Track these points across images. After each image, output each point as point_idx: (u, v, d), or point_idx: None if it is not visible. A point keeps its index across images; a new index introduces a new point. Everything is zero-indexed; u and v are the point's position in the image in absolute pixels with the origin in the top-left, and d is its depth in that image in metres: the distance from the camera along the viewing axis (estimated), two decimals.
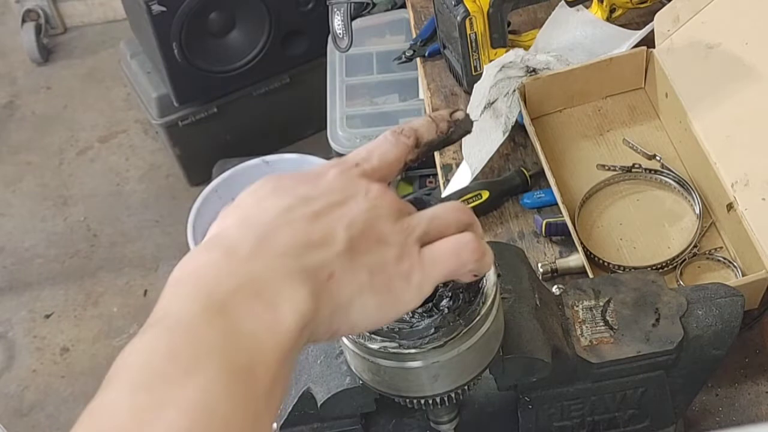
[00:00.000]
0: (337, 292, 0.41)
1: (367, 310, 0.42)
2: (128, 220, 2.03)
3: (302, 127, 2.01)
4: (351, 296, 0.41)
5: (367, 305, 0.41)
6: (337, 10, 1.25)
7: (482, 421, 0.60)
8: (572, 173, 0.90)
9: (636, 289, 0.60)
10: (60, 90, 2.33)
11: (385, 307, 0.42)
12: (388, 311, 0.42)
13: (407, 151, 0.46)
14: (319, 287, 0.40)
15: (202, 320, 0.37)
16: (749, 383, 0.75)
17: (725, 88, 0.84)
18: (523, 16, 1.07)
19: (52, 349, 1.83)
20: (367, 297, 0.41)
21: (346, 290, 0.41)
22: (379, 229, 0.43)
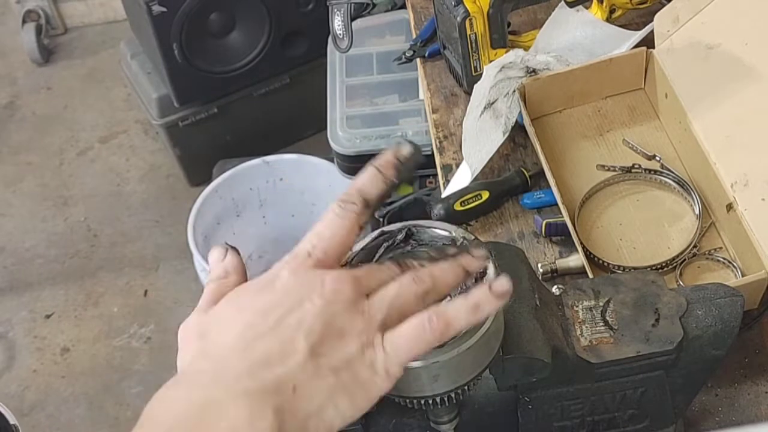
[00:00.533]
0: (306, 402, 0.42)
1: (340, 409, 0.43)
2: (128, 221, 2.03)
3: (302, 127, 2.01)
4: (321, 402, 0.42)
5: (340, 404, 0.43)
6: (337, 11, 1.25)
7: (482, 421, 0.60)
8: (572, 173, 0.90)
9: (636, 289, 0.60)
10: (60, 90, 2.33)
11: (357, 400, 0.43)
12: (361, 403, 0.44)
13: (357, 218, 0.47)
14: (283, 402, 0.42)
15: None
16: (749, 383, 0.75)
17: (725, 89, 0.84)
18: (523, 16, 1.08)
19: (53, 349, 1.83)
20: (338, 397, 0.43)
21: (314, 398, 0.42)
22: (338, 326, 0.44)
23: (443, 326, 0.44)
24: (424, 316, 0.44)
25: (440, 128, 1.00)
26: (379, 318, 0.44)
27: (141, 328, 1.84)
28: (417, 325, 0.44)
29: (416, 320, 0.44)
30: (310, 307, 0.44)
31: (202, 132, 1.92)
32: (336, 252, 0.46)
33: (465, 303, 0.45)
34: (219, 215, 1.70)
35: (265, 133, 1.97)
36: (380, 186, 0.47)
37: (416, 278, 0.45)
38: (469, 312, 0.45)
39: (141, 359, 1.79)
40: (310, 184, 1.73)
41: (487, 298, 0.45)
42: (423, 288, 0.45)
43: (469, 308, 0.45)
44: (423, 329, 0.44)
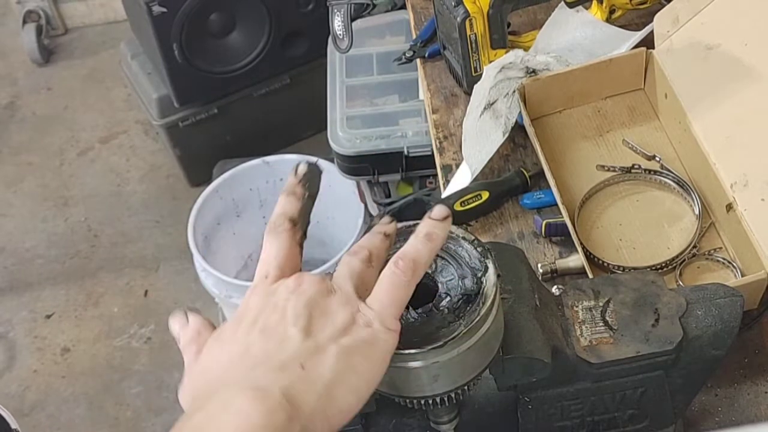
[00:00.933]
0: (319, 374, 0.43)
1: (358, 370, 0.44)
2: (129, 221, 2.03)
3: (302, 127, 2.01)
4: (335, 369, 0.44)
5: (356, 366, 0.44)
6: (338, 11, 1.26)
7: (482, 421, 0.60)
8: (572, 174, 0.90)
9: (635, 289, 0.60)
10: (61, 91, 2.34)
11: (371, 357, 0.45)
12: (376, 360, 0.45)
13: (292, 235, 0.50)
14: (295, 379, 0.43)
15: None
16: (749, 383, 0.75)
17: (725, 89, 0.84)
18: (522, 17, 1.08)
19: (53, 350, 1.83)
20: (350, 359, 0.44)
21: (326, 368, 0.44)
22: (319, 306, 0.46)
23: (411, 264, 0.47)
24: (390, 264, 0.47)
25: (440, 128, 1.00)
26: (349, 289, 0.47)
27: (141, 328, 1.84)
28: (388, 275, 0.47)
29: (385, 272, 0.47)
30: (286, 303, 0.46)
31: (202, 132, 1.93)
32: (288, 266, 0.49)
33: (416, 238, 0.48)
34: (219, 215, 1.71)
35: (265, 134, 1.97)
36: (296, 204, 0.51)
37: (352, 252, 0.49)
38: (424, 243, 0.48)
39: (141, 359, 1.79)
40: None
41: (433, 224, 0.48)
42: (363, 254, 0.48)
43: (422, 239, 0.48)
44: (394, 275, 0.46)
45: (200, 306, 1.84)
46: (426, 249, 0.47)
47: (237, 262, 1.76)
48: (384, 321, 0.45)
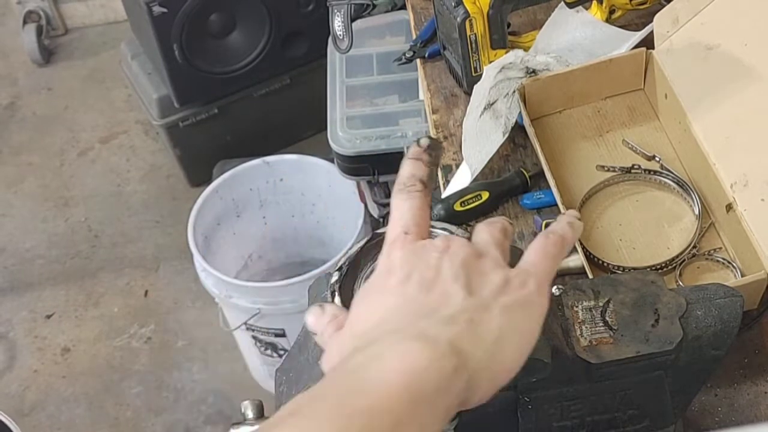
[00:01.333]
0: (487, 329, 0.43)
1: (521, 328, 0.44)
2: (129, 221, 2.03)
3: (302, 127, 2.01)
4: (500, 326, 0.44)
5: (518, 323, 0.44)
6: (338, 12, 1.26)
7: (482, 421, 0.60)
8: (572, 174, 0.90)
9: (635, 289, 0.60)
10: (61, 91, 2.34)
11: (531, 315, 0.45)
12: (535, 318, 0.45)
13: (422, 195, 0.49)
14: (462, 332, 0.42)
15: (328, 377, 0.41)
16: (748, 383, 0.75)
17: (725, 89, 0.84)
18: (522, 17, 1.08)
19: (53, 350, 1.83)
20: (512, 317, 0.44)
21: (492, 324, 0.43)
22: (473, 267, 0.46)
23: (560, 239, 0.49)
24: (540, 236, 0.49)
25: (440, 129, 1.00)
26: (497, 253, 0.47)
27: (141, 328, 1.84)
28: (541, 243, 0.48)
29: (537, 240, 0.48)
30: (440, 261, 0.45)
31: (202, 132, 1.93)
32: (424, 224, 0.48)
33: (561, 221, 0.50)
34: (219, 216, 1.71)
35: (265, 134, 1.97)
36: (423, 168, 0.50)
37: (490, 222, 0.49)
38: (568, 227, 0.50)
39: (141, 359, 1.79)
40: (311, 184, 1.73)
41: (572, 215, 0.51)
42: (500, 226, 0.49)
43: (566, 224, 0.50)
44: (546, 245, 0.48)
45: (200, 306, 1.84)
46: (570, 233, 0.49)
47: (237, 262, 1.77)
48: (540, 282, 0.46)
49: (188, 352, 1.78)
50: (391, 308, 0.44)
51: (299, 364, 0.56)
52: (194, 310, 1.85)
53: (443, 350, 0.41)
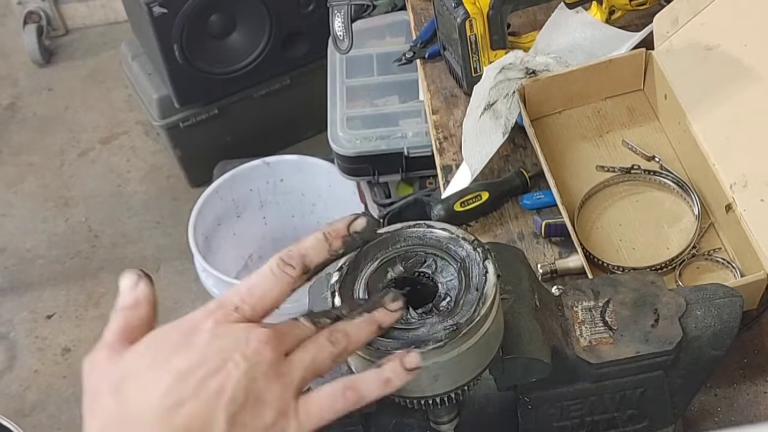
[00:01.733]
0: None
1: None
2: (129, 221, 2.03)
3: (303, 128, 2.01)
4: None
5: None
6: (338, 12, 1.26)
7: (482, 421, 0.60)
8: (572, 174, 0.90)
9: (635, 289, 0.60)
10: (61, 91, 2.34)
11: None
12: None
13: (292, 282, 0.47)
14: None
15: None
16: (748, 383, 0.75)
17: (724, 90, 0.84)
18: (522, 17, 1.08)
19: (54, 350, 1.83)
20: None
21: None
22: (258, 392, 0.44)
23: (356, 397, 0.46)
24: (338, 387, 0.46)
25: (440, 129, 1.00)
26: (296, 382, 0.45)
27: None
28: (331, 394, 0.46)
29: (330, 389, 0.46)
30: (233, 370, 0.44)
31: (202, 133, 1.93)
32: (264, 310, 0.47)
33: (377, 377, 0.46)
34: (219, 216, 1.71)
35: (265, 134, 1.97)
36: (324, 255, 0.47)
37: (331, 339, 0.47)
38: (381, 385, 0.46)
39: None
40: (311, 184, 1.73)
41: (399, 372, 0.46)
42: (338, 349, 0.46)
43: (381, 382, 0.46)
44: (336, 399, 0.46)
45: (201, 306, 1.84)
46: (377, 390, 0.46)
47: (237, 262, 1.77)
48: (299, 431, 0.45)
49: None
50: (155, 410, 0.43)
51: None
52: (194, 310, 1.85)
53: None
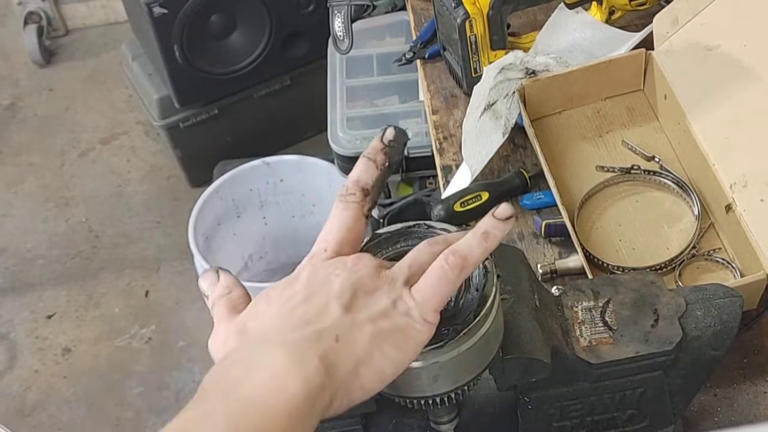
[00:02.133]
0: (351, 349, 0.44)
1: (388, 354, 0.45)
2: (129, 221, 2.03)
3: (303, 128, 2.01)
4: (366, 348, 0.45)
5: (386, 350, 0.45)
6: (338, 12, 1.26)
7: (482, 421, 0.60)
8: (571, 174, 0.90)
9: (635, 289, 0.60)
10: (62, 92, 2.34)
11: (402, 345, 0.46)
12: (406, 349, 0.46)
13: (360, 207, 0.50)
14: (327, 349, 0.44)
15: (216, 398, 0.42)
16: (748, 383, 0.75)
17: (724, 90, 0.84)
18: (522, 18, 1.08)
19: (54, 350, 1.83)
20: (382, 343, 0.45)
21: (358, 345, 0.45)
22: (366, 286, 0.47)
23: (460, 260, 0.46)
24: (440, 258, 0.47)
25: (440, 129, 1.00)
26: (401, 278, 0.47)
27: (142, 328, 1.84)
28: (437, 267, 0.47)
29: (435, 264, 0.47)
30: (336, 279, 0.47)
31: (202, 133, 1.93)
32: (349, 242, 0.49)
33: (474, 234, 0.47)
34: (219, 216, 1.71)
35: (265, 134, 1.97)
36: (374, 173, 0.50)
37: (431, 242, 0.49)
38: (480, 240, 0.47)
39: (142, 360, 1.79)
40: (311, 185, 1.73)
41: (494, 223, 0.47)
42: (438, 248, 0.48)
43: (479, 237, 0.47)
44: (443, 269, 0.46)
45: (201, 306, 1.84)
46: (480, 248, 0.47)
47: (237, 262, 1.77)
48: (423, 312, 0.46)
49: (189, 353, 1.78)
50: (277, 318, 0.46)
51: None
52: (195, 310, 1.85)
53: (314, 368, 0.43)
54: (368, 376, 0.45)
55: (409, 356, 0.46)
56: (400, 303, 0.46)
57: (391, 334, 0.45)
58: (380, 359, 0.45)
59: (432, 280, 0.47)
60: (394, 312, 0.46)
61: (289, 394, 0.42)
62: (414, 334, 0.46)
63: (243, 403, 0.41)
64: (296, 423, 0.41)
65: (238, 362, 0.44)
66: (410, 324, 0.46)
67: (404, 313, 0.46)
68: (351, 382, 0.44)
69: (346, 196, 0.50)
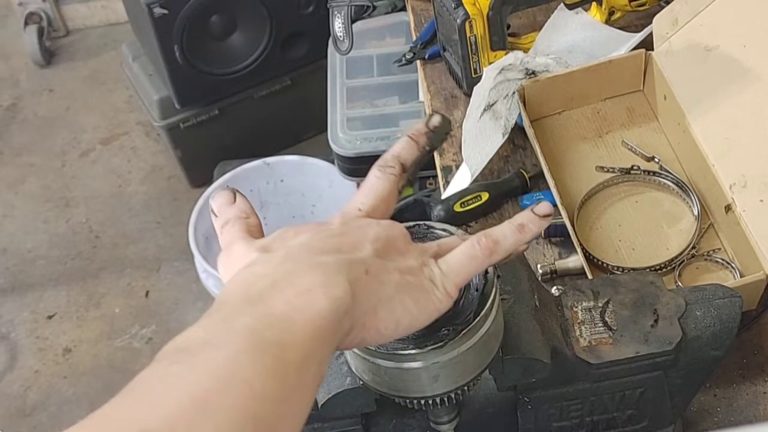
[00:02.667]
0: (377, 287, 0.44)
1: (407, 307, 0.45)
2: (130, 222, 2.04)
3: (303, 129, 2.01)
4: (390, 292, 0.44)
5: (406, 302, 0.45)
6: (338, 13, 1.26)
7: (482, 421, 0.60)
8: (571, 175, 0.90)
9: (635, 290, 0.60)
10: (62, 92, 2.34)
11: (422, 303, 0.45)
12: (425, 308, 0.46)
13: (397, 180, 0.50)
14: (357, 277, 0.43)
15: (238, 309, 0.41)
16: (747, 384, 0.75)
17: (724, 91, 0.84)
18: (522, 18, 1.08)
19: (55, 350, 1.83)
20: (405, 294, 0.45)
21: (384, 286, 0.44)
22: (398, 245, 0.47)
23: (492, 244, 0.47)
24: (473, 238, 0.47)
25: None
26: (430, 251, 0.48)
27: (142, 328, 1.84)
28: (467, 245, 0.47)
29: (466, 243, 0.47)
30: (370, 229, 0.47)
31: (203, 133, 1.93)
32: (381, 209, 0.50)
33: (510, 224, 0.48)
34: None
35: (265, 135, 1.97)
36: (414, 152, 0.51)
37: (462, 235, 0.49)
38: (514, 231, 0.48)
39: (142, 360, 1.79)
40: (311, 185, 1.73)
41: (532, 218, 0.48)
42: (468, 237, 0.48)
43: (514, 228, 0.48)
44: (473, 248, 0.47)
45: (201, 307, 1.85)
46: (513, 237, 0.47)
47: None
48: (445, 283, 0.46)
49: None
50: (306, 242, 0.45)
51: None
52: (195, 310, 1.85)
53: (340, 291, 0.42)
54: (385, 320, 0.44)
55: (425, 317, 0.46)
56: (426, 269, 0.46)
57: (415, 289, 0.45)
58: (400, 308, 0.45)
59: (460, 256, 0.47)
60: (420, 273, 0.46)
61: (316, 311, 0.40)
62: (434, 299, 0.46)
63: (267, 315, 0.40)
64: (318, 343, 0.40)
65: (263, 277, 0.42)
66: (432, 291, 0.46)
67: (429, 278, 0.46)
68: (369, 320, 0.44)
69: (385, 168, 0.50)
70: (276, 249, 0.45)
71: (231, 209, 0.50)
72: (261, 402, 0.37)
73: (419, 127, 0.51)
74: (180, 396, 0.36)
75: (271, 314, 0.40)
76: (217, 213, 0.50)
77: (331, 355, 0.42)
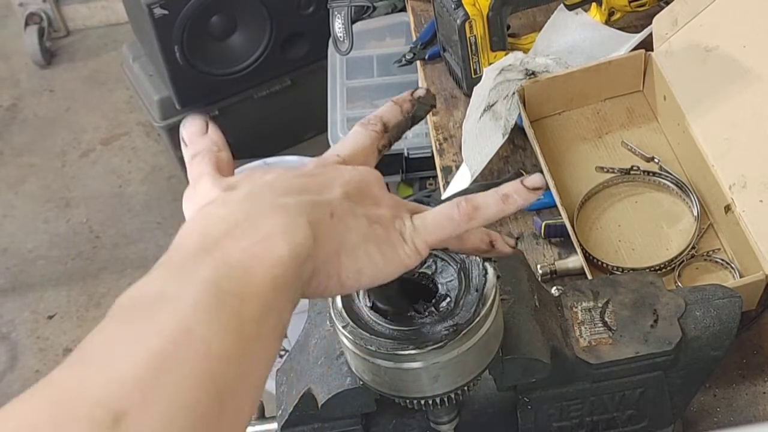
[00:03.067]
0: (341, 232, 0.42)
1: (372, 257, 0.43)
2: (130, 222, 2.04)
3: (303, 129, 2.02)
4: (354, 240, 0.42)
5: (371, 251, 0.43)
6: (338, 14, 1.26)
7: (482, 421, 0.60)
8: (571, 175, 0.90)
9: (634, 290, 0.60)
10: (62, 92, 2.34)
11: (387, 256, 0.43)
12: (391, 261, 0.43)
13: (378, 137, 0.50)
14: (320, 218, 0.41)
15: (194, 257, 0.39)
16: (747, 384, 0.75)
17: (723, 91, 0.84)
18: (522, 19, 1.08)
19: (55, 350, 1.84)
20: (370, 244, 0.43)
21: (349, 233, 0.42)
22: (372, 192, 0.45)
23: (471, 210, 0.44)
24: (455, 200, 0.45)
25: (440, 130, 1.01)
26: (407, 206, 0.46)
27: None
28: (447, 206, 0.45)
29: (447, 203, 0.45)
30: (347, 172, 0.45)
31: None
32: (359, 161, 0.48)
33: (496, 192, 0.45)
34: None
35: (265, 135, 1.97)
36: (397, 115, 0.51)
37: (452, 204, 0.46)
38: (498, 201, 0.45)
39: None
40: None
41: (519, 189, 0.45)
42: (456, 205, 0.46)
43: (498, 197, 0.45)
44: (451, 209, 0.45)
45: None
46: (495, 207, 0.45)
47: None
48: (417, 242, 0.44)
49: None
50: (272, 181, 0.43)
51: (300, 365, 0.57)
52: None
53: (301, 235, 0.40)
54: (347, 268, 0.42)
55: (389, 270, 0.43)
56: (398, 222, 0.44)
57: (383, 240, 0.43)
58: (363, 258, 0.42)
59: (437, 215, 0.45)
60: (389, 225, 0.44)
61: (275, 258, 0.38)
62: (401, 253, 0.43)
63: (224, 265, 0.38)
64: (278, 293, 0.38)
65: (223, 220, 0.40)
66: (400, 245, 0.44)
67: (398, 232, 0.44)
68: (331, 266, 0.42)
69: (367, 124, 0.50)
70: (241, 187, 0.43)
71: (203, 140, 0.48)
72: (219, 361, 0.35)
73: (404, 95, 0.52)
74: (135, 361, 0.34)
75: (228, 263, 0.38)
76: (187, 142, 0.48)
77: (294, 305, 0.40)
